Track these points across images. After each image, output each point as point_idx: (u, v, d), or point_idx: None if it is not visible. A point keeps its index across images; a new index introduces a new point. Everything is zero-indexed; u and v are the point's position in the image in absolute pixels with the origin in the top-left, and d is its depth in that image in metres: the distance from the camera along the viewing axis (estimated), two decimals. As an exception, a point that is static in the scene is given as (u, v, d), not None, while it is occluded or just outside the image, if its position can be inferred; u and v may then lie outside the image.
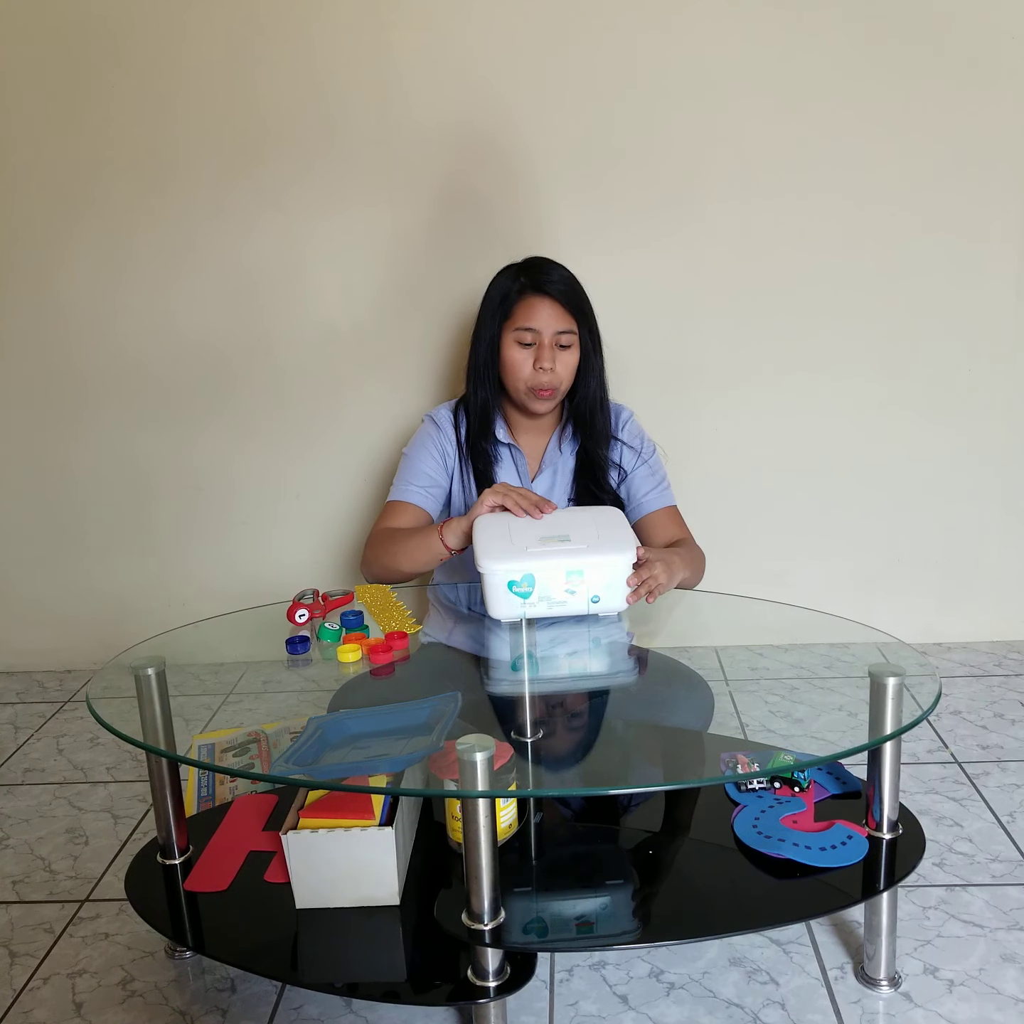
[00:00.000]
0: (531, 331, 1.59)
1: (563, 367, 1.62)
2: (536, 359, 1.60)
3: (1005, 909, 1.36)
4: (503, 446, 1.72)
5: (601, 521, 1.43)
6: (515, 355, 1.62)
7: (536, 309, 1.59)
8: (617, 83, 2.03)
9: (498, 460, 1.71)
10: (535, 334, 1.59)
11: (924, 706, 1.14)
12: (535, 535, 1.38)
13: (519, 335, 1.60)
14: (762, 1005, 1.20)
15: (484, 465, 1.69)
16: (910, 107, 2.03)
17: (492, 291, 1.65)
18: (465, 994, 1.06)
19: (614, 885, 1.18)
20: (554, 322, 1.59)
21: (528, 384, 1.62)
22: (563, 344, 1.61)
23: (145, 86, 2.08)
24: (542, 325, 1.59)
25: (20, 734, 2.07)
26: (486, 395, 1.68)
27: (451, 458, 1.72)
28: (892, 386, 2.19)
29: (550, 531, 1.39)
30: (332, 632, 1.43)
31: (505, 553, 1.35)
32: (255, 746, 1.66)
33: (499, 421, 1.71)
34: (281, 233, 2.14)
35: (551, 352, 1.59)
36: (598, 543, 1.36)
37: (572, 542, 1.36)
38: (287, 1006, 1.23)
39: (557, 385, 1.62)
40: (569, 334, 1.60)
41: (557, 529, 1.40)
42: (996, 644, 2.33)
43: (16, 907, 1.46)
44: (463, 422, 1.72)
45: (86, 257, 2.17)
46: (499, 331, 1.63)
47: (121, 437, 2.28)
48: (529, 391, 1.63)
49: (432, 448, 1.72)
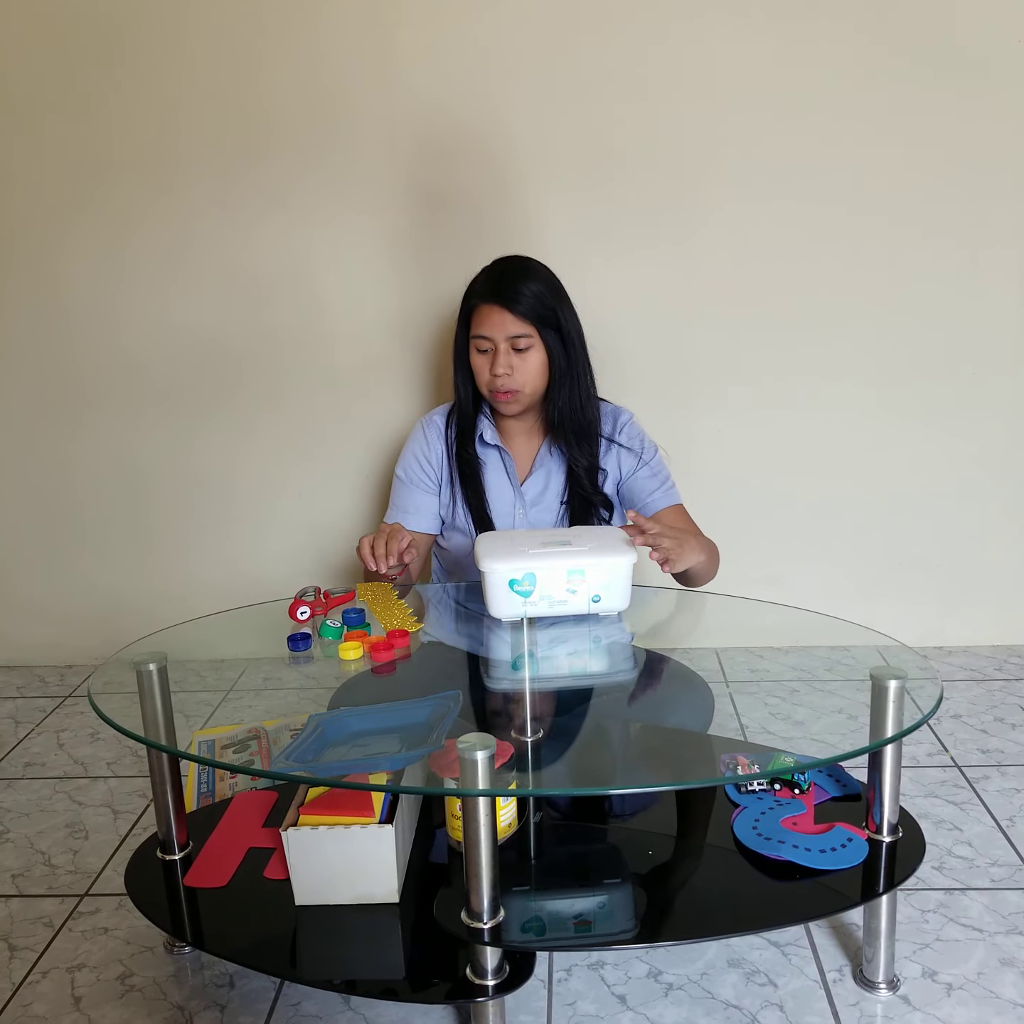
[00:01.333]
0: (485, 339, 1.63)
1: (522, 370, 1.63)
2: (491, 364, 1.63)
3: (1004, 913, 1.36)
4: (491, 448, 1.73)
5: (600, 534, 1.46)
6: (475, 361, 1.66)
7: (487, 316, 1.62)
8: (619, 88, 2.03)
9: (485, 463, 1.74)
10: (489, 341, 1.62)
11: (925, 709, 1.14)
12: (537, 541, 1.41)
13: (476, 342, 1.64)
14: (760, 1007, 1.20)
15: (469, 469, 1.72)
16: (911, 114, 2.03)
17: (464, 296, 1.68)
18: (463, 992, 1.06)
19: (613, 885, 1.18)
20: (505, 328, 1.61)
21: (488, 387, 1.66)
22: (519, 347, 1.62)
23: (147, 85, 2.07)
24: (493, 332, 1.61)
25: (21, 728, 2.07)
26: (466, 398, 1.72)
27: (437, 465, 1.75)
28: (893, 390, 2.19)
29: (551, 538, 1.42)
30: (334, 630, 1.43)
31: (507, 553, 1.36)
32: (255, 743, 1.66)
33: (487, 424, 1.73)
34: (282, 232, 2.14)
35: (505, 358, 1.62)
36: (599, 546, 1.38)
37: (573, 546, 1.38)
38: (285, 1002, 1.23)
39: (518, 387, 1.64)
40: (524, 338, 1.62)
41: (558, 536, 1.43)
42: (997, 648, 2.33)
43: (16, 901, 1.46)
44: (454, 424, 1.75)
45: (88, 256, 2.17)
46: (465, 337, 1.67)
47: (122, 435, 2.28)
48: (491, 394, 1.66)
49: (419, 465, 1.76)
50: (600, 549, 1.37)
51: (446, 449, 1.75)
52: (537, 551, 1.36)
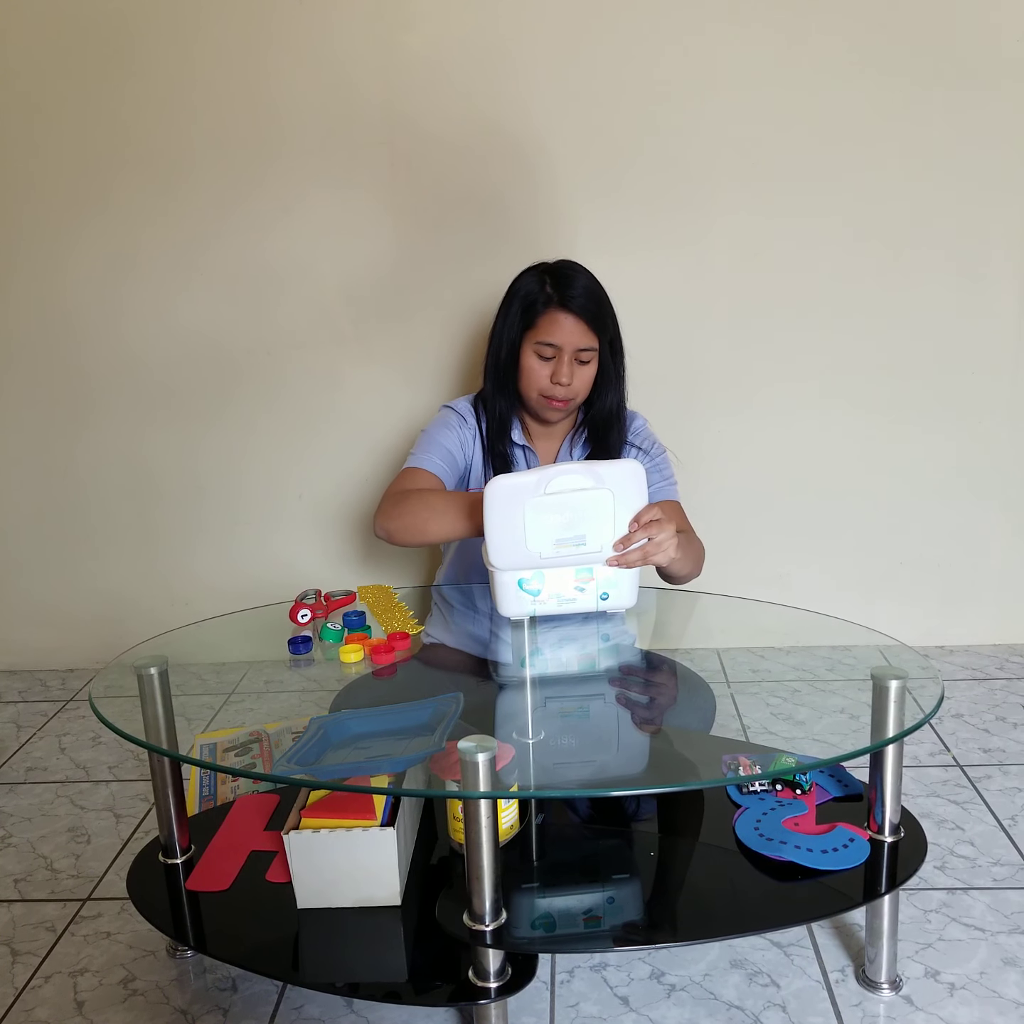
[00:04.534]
0: (552, 346, 1.58)
1: (580, 381, 1.61)
2: (554, 372, 1.59)
3: (1006, 913, 1.36)
4: (518, 447, 1.72)
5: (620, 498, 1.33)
6: (533, 364, 1.60)
7: (559, 325, 1.57)
8: (634, 87, 2.03)
9: (514, 462, 1.72)
10: (555, 349, 1.58)
11: (926, 709, 1.14)
12: (550, 539, 1.32)
13: (540, 348, 1.59)
14: (763, 1007, 1.20)
15: (501, 466, 1.69)
16: (914, 114, 2.03)
17: (515, 292, 1.62)
18: (466, 995, 1.06)
19: (615, 886, 1.18)
20: (576, 339, 1.57)
21: (542, 393, 1.61)
22: (583, 360, 1.60)
23: (154, 88, 2.08)
24: (564, 341, 1.57)
25: (23, 733, 2.07)
26: (505, 398, 1.67)
27: (469, 448, 1.70)
28: (895, 389, 2.19)
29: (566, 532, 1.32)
30: (334, 632, 1.43)
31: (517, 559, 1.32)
32: (257, 746, 1.66)
33: (515, 423, 1.71)
34: (288, 233, 2.14)
35: (570, 368, 1.58)
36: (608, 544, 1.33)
37: (587, 544, 1.32)
38: (288, 1006, 1.23)
39: (572, 397, 1.62)
40: (589, 351, 1.59)
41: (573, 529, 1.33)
42: (998, 647, 2.32)
43: (18, 905, 1.46)
44: (483, 420, 1.72)
45: (93, 257, 2.18)
46: (520, 337, 1.61)
47: (124, 436, 2.28)
48: (541, 399, 1.62)
49: (454, 430, 1.69)
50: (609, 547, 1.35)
51: (480, 440, 1.70)
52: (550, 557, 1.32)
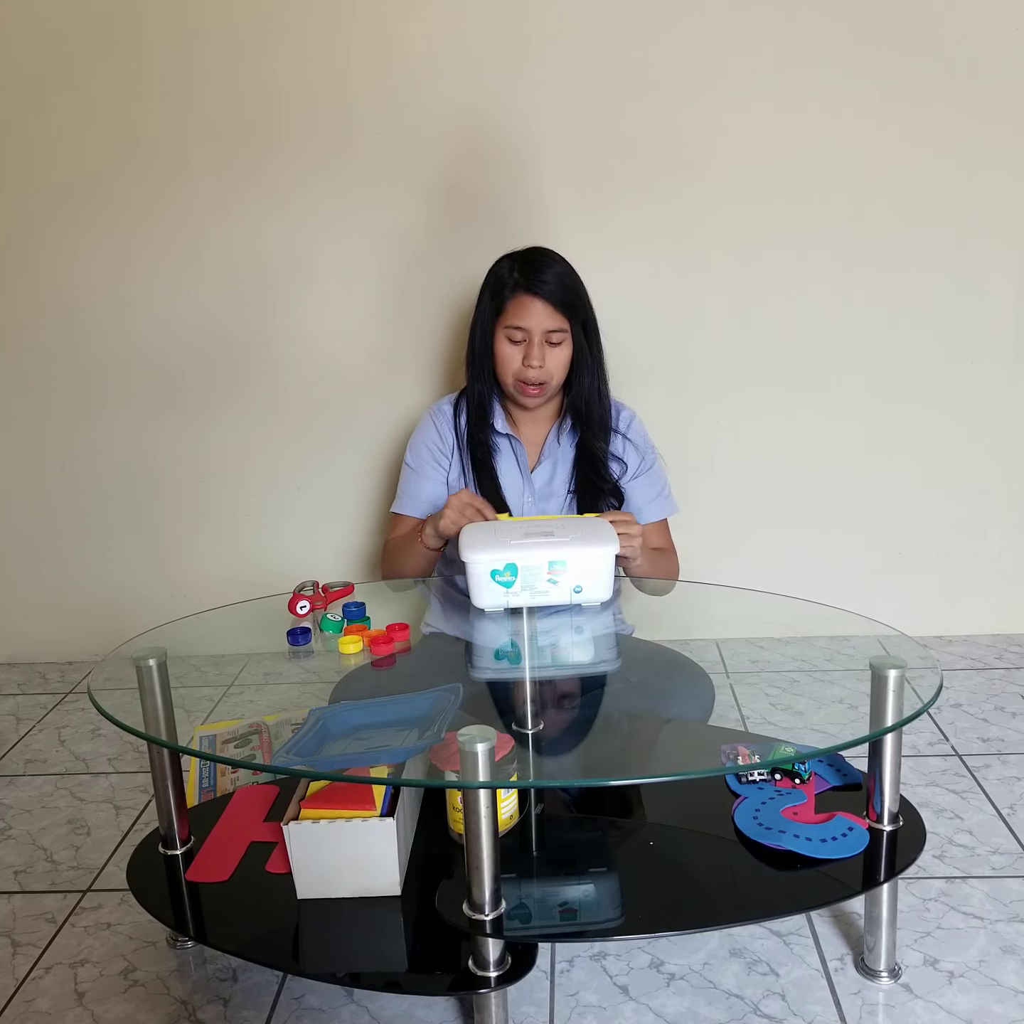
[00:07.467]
0: (520, 329, 1.60)
1: (553, 363, 1.63)
2: (525, 356, 1.61)
3: (1005, 901, 1.36)
4: (502, 436, 1.72)
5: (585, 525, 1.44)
6: (505, 350, 1.63)
7: (526, 308, 1.60)
8: (623, 80, 2.02)
9: (497, 450, 1.72)
10: (524, 332, 1.60)
11: (925, 699, 1.14)
12: (520, 532, 1.39)
13: (509, 332, 1.62)
14: (762, 996, 1.20)
15: (483, 455, 1.70)
16: (911, 106, 2.02)
17: (487, 282, 1.66)
18: (466, 984, 1.07)
19: (615, 876, 1.18)
20: (544, 321, 1.60)
21: (516, 378, 1.63)
22: (553, 341, 1.61)
23: (157, 83, 2.07)
24: (531, 324, 1.60)
25: (22, 725, 2.07)
26: (483, 386, 1.70)
27: (448, 453, 1.73)
28: (893, 379, 2.19)
29: (534, 529, 1.40)
30: (334, 623, 1.43)
31: (488, 544, 1.35)
32: (256, 737, 1.66)
33: (498, 411, 1.72)
34: (289, 228, 2.14)
35: (540, 350, 1.60)
36: (580, 537, 1.37)
37: (556, 537, 1.37)
38: (288, 996, 1.23)
39: (546, 380, 1.63)
40: (559, 332, 1.61)
41: (542, 528, 1.41)
42: (997, 637, 2.33)
43: (18, 897, 1.47)
44: (463, 412, 1.73)
45: (99, 250, 2.17)
46: (492, 325, 1.64)
47: (125, 429, 2.28)
48: (517, 384, 1.64)
49: (429, 454, 1.74)
50: (581, 540, 1.36)
51: (456, 438, 1.73)
52: (519, 542, 1.35)
